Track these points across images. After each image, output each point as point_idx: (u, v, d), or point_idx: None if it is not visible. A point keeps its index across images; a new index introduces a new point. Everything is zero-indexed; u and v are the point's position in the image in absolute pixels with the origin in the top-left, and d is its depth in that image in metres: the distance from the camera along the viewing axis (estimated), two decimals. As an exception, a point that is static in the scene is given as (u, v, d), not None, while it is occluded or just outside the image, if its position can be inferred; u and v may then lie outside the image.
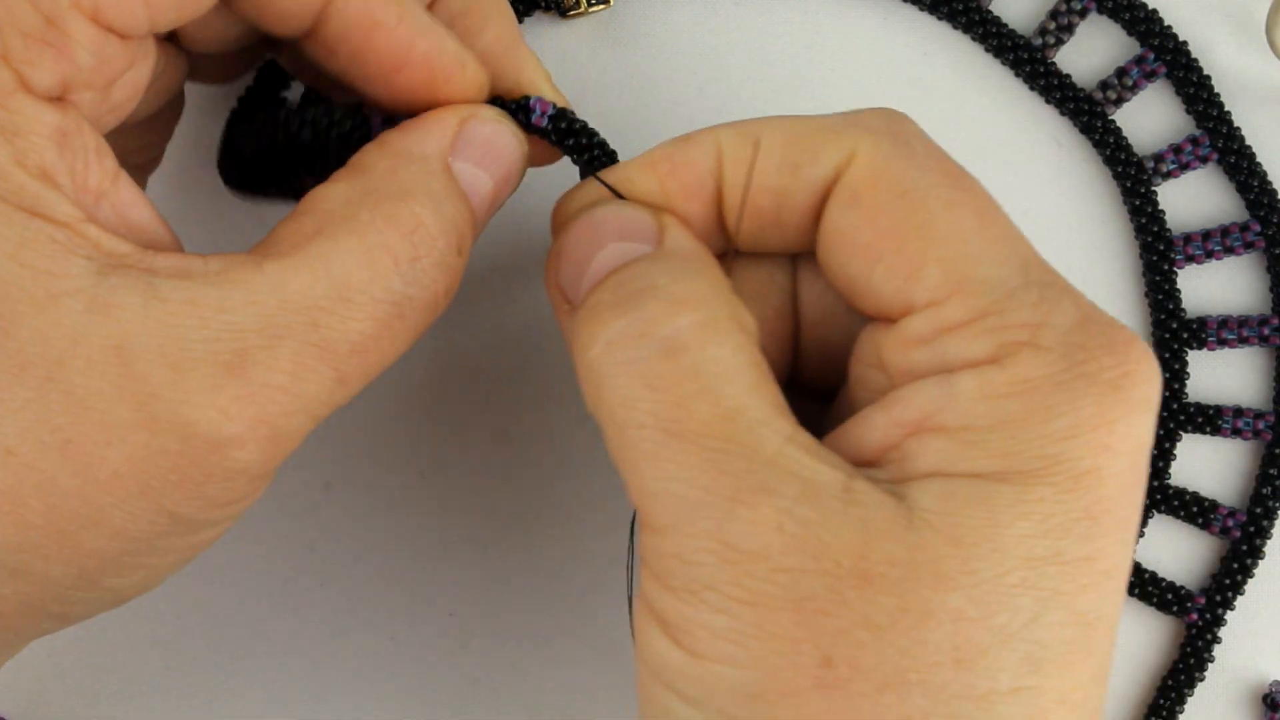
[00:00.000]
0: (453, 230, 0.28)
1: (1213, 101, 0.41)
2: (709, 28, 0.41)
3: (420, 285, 0.27)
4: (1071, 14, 0.41)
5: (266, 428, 0.26)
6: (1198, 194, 0.41)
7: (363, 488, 0.40)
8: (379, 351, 0.27)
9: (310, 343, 0.26)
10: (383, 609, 0.39)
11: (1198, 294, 0.41)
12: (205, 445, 0.25)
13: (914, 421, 0.26)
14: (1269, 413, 0.40)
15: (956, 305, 0.26)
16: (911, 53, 0.41)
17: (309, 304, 0.26)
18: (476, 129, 0.29)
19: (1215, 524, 0.40)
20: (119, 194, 0.27)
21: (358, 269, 0.26)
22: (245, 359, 0.25)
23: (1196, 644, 0.40)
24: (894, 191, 0.27)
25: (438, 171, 0.28)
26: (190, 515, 0.26)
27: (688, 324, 0.26)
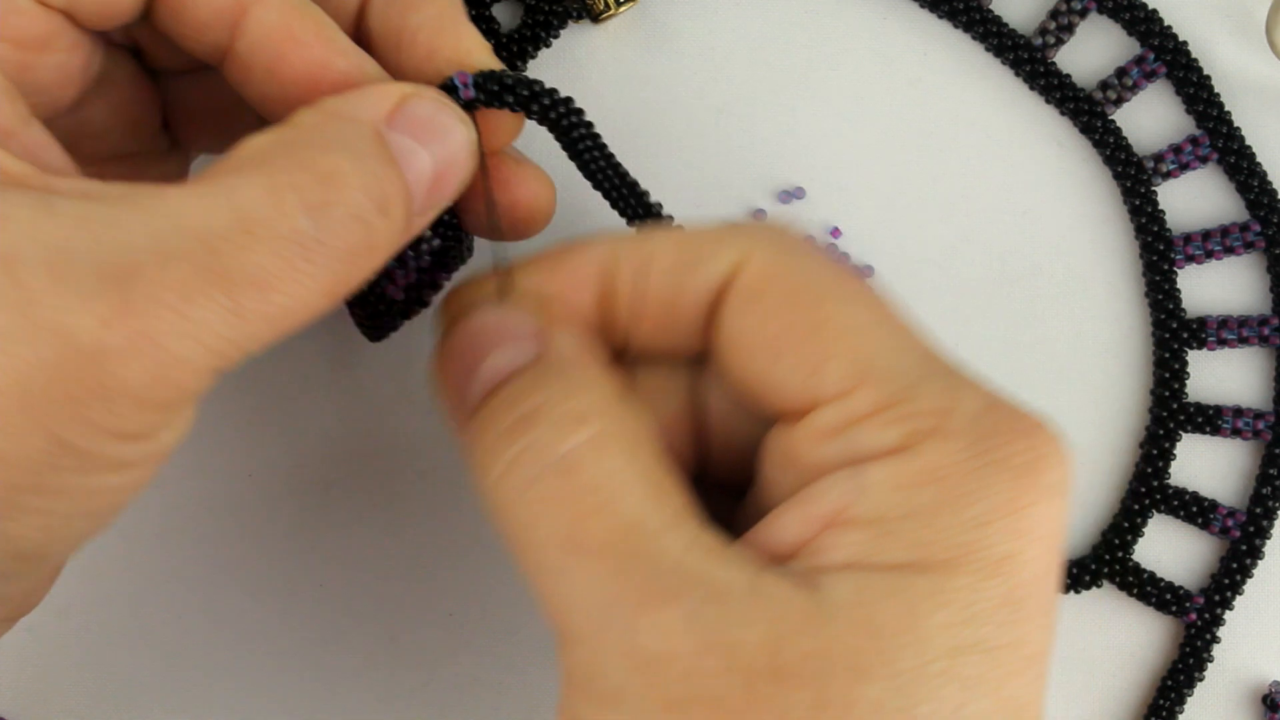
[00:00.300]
0: (375, 187, 0.27)
1: (1213, 101, 0.41)
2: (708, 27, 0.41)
3: (331, 233, 0.26)
4: (1072, 14, 0.41)
5: (149, 344, 0.24)
6: (1198, 194, 0.41)
7: (363, 488, 0.40)
8: (282, 292, 0.25)
9: (204, 266, 0.24)
10: (383, 609, 0.39)
11: (1198, 294, 0.41)
12: (83, 355, 0.24)
13: (826, 516, 0.26)
14: (1269, 413, 0.40)
15: (862, 396, 0.26)
16: (911, 52, 0.41)
17: (208, 231, 0.25)
18: (416, 105, 0.28)
19: (1215, 524, 0.40)
20: (29, 135, 0.26)
21: (262, 204, 0.25)
22: (132, 273, 0.24)
23: (1195, 644, 0.40)
24: (790, 290, 0.27)
25: (368, 135, 0.27)
26: (78, 443, 0.24)
27: (580, 442, 0.26)
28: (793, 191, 0.41)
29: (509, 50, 0.40)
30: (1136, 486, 0.40)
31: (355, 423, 0.40)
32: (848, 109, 0.41)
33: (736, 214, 0.40)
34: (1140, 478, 0.40)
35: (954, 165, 0.41)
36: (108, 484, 0.26)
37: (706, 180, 0.40)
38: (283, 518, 0.39)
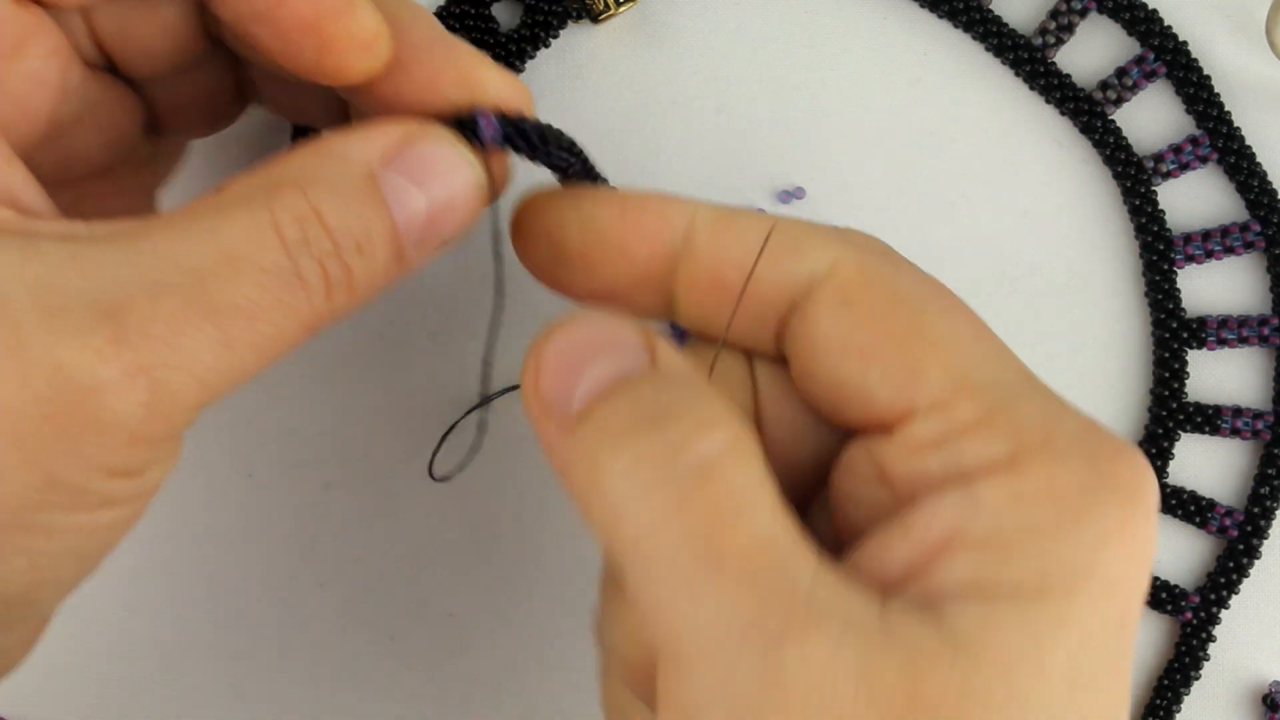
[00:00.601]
0: (355, 228, 0.27)
1: (1213, 101, 0.41)
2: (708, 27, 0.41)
3: (310, 271, 0.26)
4: (1072, 13, 0.41)
5: (144, 378, 0.24)
6: (1198, 194, 0.41)
7: (363, 488, 0.40)
8: (269, 321, 0.26)
9: (194, 299, 0.25)
10: (383, 609, 0.39)
11: (1198, 294, 0.41)
12: (78, 390, 0.24)
13: (939, 541, 0.25)
14: (1268, 412, 0.40)
15: (964, 406, 0.26)
16: (911, 52, 0.41)
17: (195, 266, 0.25)
18: (419, 145, 0.28)
19: (1213, 523, 0.40)
20: (10, 176, 0.26)
21: (244, 241, 0.25)
22: (124, 307, 0.24)
23: (1191, 643, 0.40)
24: (888, 296, 0.27)
25: (354, 174, 0.27)
26: (70, 479, 0.25)
27: (718, 445, 0.25)
28: (793, 191, 0.41)
29: (508, 50, 0.40)
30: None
31: (355, 423, 0.40)
32: (848, 109, 0.41)
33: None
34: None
35: (954, 165, 0.41)
36: (97, 522, 0.26)
37: (706, 180, 0.40)
38: (283, 518, 0.40)
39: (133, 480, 0.26)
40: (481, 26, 0.40)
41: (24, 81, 0.28)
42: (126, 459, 0.25)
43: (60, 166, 0.31)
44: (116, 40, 0.31)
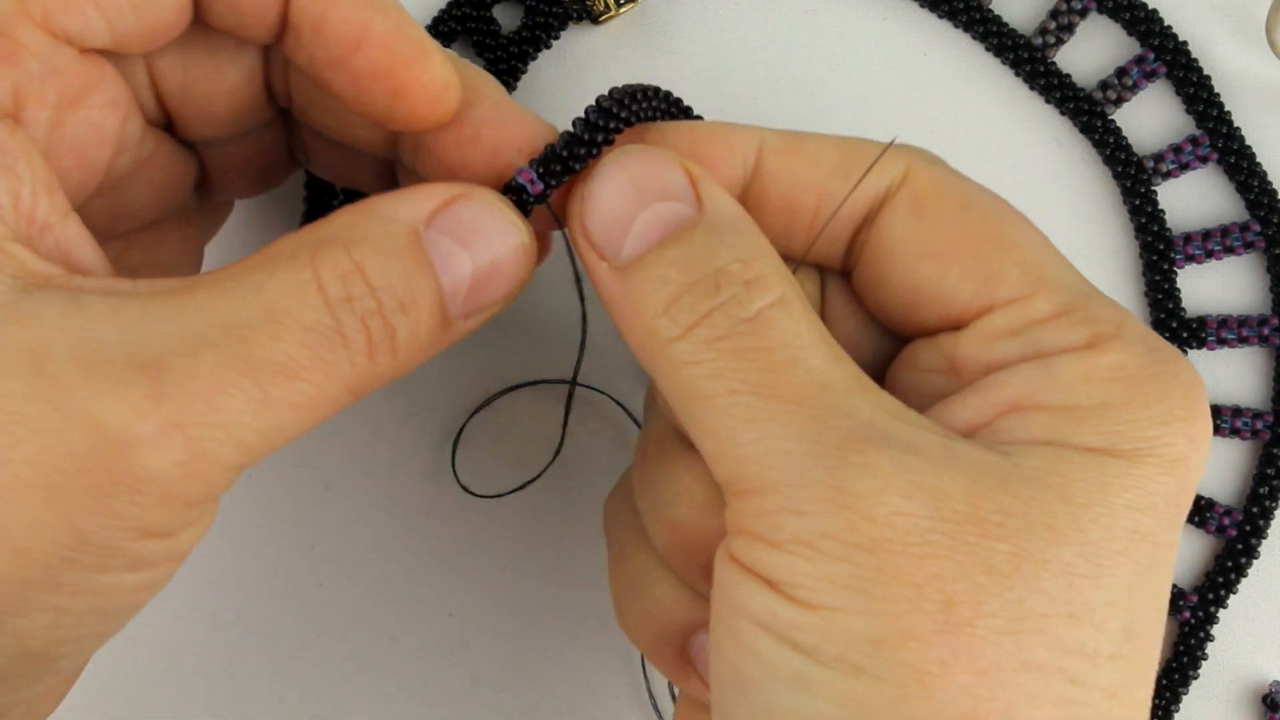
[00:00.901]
0: (399, 286, 0.27)
1: (1213, 101, 0.41)
2: (708, 27, 0.41)
3: (353, 328, 0.26)
4: (1072, 13, 0.41)
5: (180, 435, 0.24)
6: (1198, 194, 0.41)
7: (363, 488, 0.40)
8: (309, 381, 0.25)
9: (234, 356, 0.24)
10: (383, 609, 0.39)
11: (1198, 294, 0.41)
12: (114, 445, 0.24)
13: (1011, 401, 0.27)
14: (1268, 412, 0.40)
15: (1042, 300, 0.27)
16: (911, 52, 0.41)
17: (236, 323, 0.25)
18: (464, 206, 0.28)
19: (1211, 522, 0.40)
20: (65, 231, 0.26)
21: (287, 297, 0.25)
22: (163, 364, 0.24)
23: (1190, 642, 0.40)
24: (960, 203, 0.29)
25: (399, 233, 0.27)
26: (101, 538, 0.24)
27: (768, 303, 0.26)
28: (793, 191, 0.41)
29: (510, 52, 0.40)
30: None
31: (355, 423, 0.40)
32: (848, 109, 0.41)
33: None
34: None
35: (954, 165, 0.41)
36: (124, 583, 0.25)
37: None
38: (283, 518, 0.40)
39: (164, 542, 0.25)
40: (483, 29, 0.40)
41: (84, 130, 0.28)
42: (159, 520, 0.25)
43: (111, 218, 0.31)
44: (178, 99, 0.31)
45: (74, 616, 0.25)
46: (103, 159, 0.29)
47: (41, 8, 0.26)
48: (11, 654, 0.25)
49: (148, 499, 0.24)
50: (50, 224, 0.26)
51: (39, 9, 0.26)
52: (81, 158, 0.28)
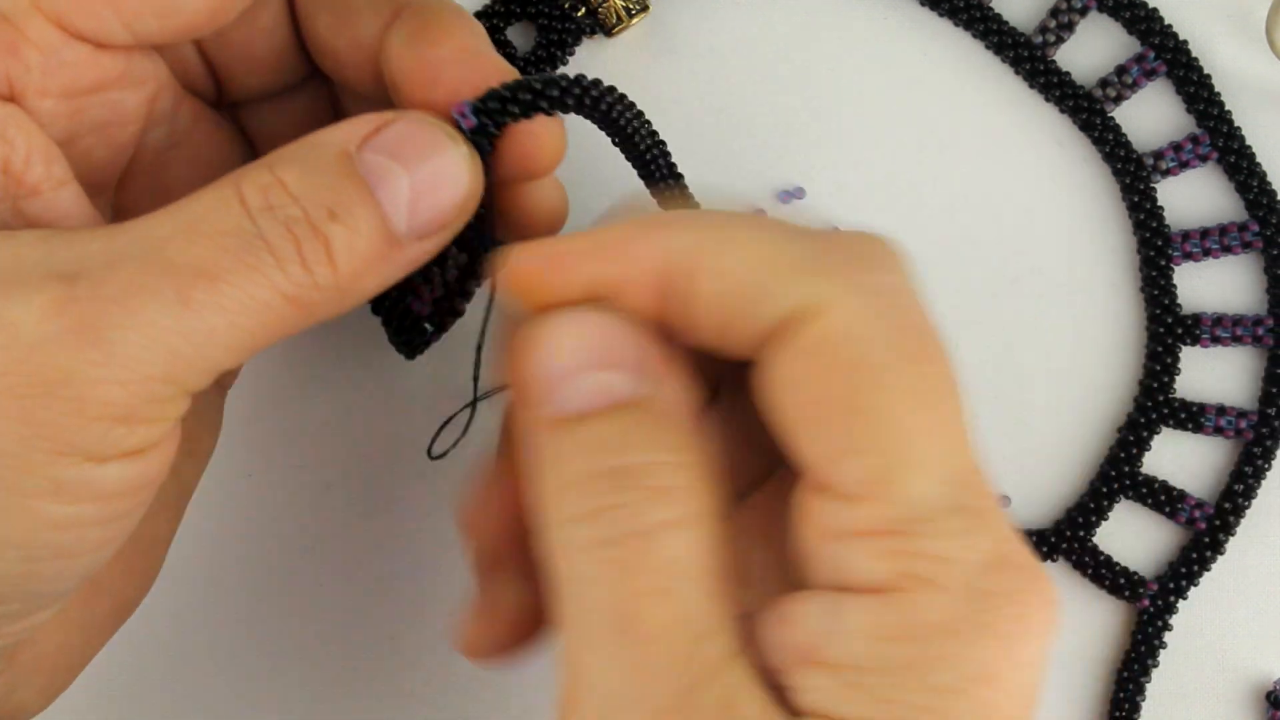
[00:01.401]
0: (326, 196, 0.26)
1: (1213, 100, 0.41)
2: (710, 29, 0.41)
3: (276, 234, 0.26)
4: (1072, 12, 0.41)
5: (91, 333, 0.24)
6: (1197, 192, 0.41)
7: (363, 488, 0.40)
8: (233, 284, 0.25)
9: (150, 263, 0.25)
10: (382, 609, 0.39)
11: (1194, 292, 0.41)
12: (25, 347, 0.24)
13: (804, 649, 0.24)
14: (1252, 412, 0.40)
15: (870, 510, 0.24)
16: (911, 52, 0.41)
17: (156, 235, 0.25)
18: (395, 126, 0.28)
19: (1182, 514, 0.40)
20: (57, 199, 0.27)
21: (206, 210, 0.26)
22: (80, 274, 0.24)
23: (1148, 630, 0.40)
24: (849, 359, 0.24)
25: (325, 154, 0.27)
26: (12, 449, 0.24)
27: (665, 519, 0.24)
28: (793, 191, 0.40)
29: (526, 73, 0.40)
30: (1107, 469, 0.40)
31: (355, 423, 0.40)
32: (848, 109, 0.41)
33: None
34: (1112, 461, 0.40)
35: (954, 164, 0.41)
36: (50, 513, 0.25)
37: (707, 180, 0.40)
38: (283, 518, 0.39)
39: (91, 468, 0.25)
40: (499, 52, 0.40)
41: (104, 111, 0.28)
42: (79, 432, 0.24)
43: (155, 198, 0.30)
44: (215, 47, 0.31)
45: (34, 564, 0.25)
46: (129, 135, 0.29)
47: (56, 6, 0.26)
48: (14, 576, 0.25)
49: (61, 404, 0.24)
50: (41, 190, 0.26)
51: (52, 6, 0.26)
52: (104, 136, 0.29)
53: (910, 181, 0.41)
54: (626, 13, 0.40)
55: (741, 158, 0.40)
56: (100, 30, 0.27)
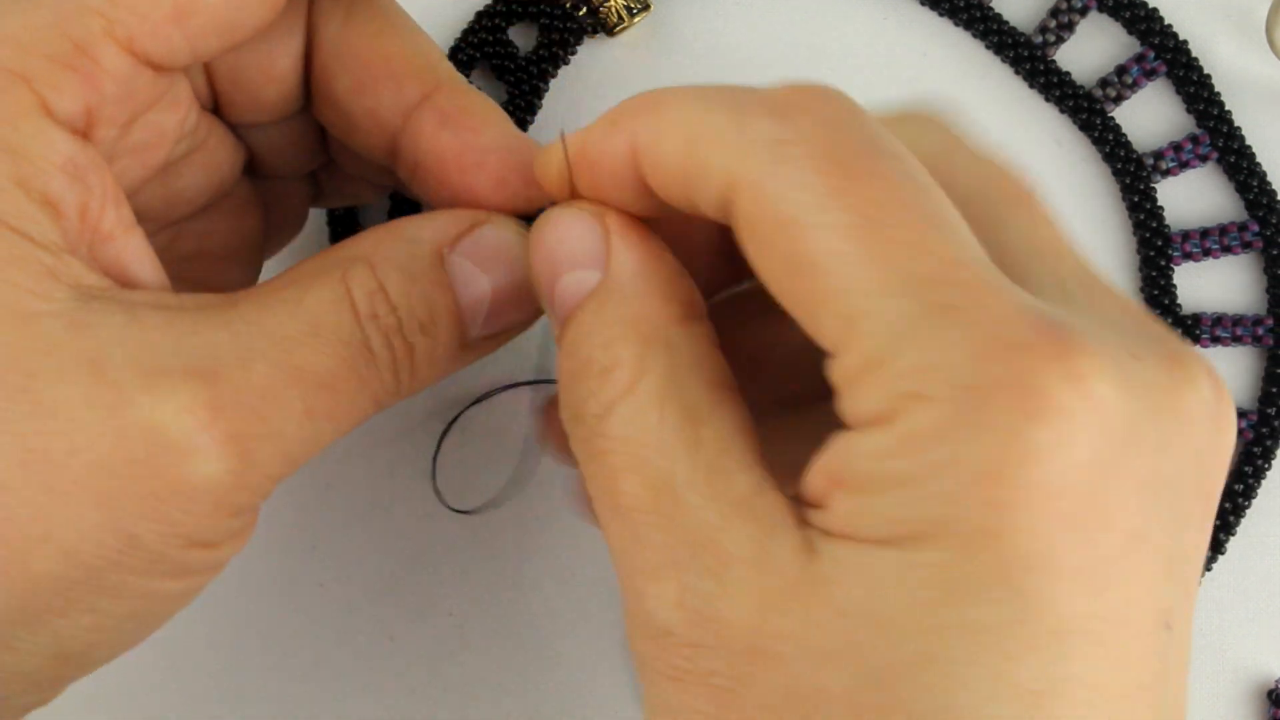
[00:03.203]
0: (418, 306, 0.27)
1: (1213, 100, 0.41)
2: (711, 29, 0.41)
3: (379, 344, 0.27)
4: (1072, 12, 0.41)
5: (235, 445, 0.25)
6: (1197, 192, 0.41)
7: (363, 488, 0.40)
8: (345, 394, 0.26)
9: (282, 366, 0.25)
10: (382, 609, 0.39)
11: (1194, 292, 0.41)
12: (171, 452, 0.24)
13: (834, 474, 0.23)
14: (1252, 411, 0.40)
15: (851, 354, 0.23)
16: (911, 52, 0.41)
17: (282, 334, 0.26)
18: (488, 231, 0.29)
19: None
20: (128, 244, 0.27)
21: (327, 310, 0.26)
22: (219, 374, 0.25)
23: None
24: (776, 224, 0.24)
25: (421, 254, 0.28)
26: (148, 542, 0.25)
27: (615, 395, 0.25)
28: (793, 191, 0.40)
29: (529, 73, 0.40)
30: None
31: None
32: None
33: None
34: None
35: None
36: (166, 590, 0.26)
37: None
38: (283, 518, 0.39)
39: (207, 553, 0.26)
40: (501, 52, 0.40)
41: (147, 133, 0.29)
42: (206, 529, 0.25)
43: (166, 203, 0.31)
44: (229, 84, 0.31)
45: (114, 620, 0.26)
46: (162, 156, 0.30)
47: (128, 31, 0.26)
48: (48, 654, 0.26)
49: (199, 507, 0.25)
50: (115, 236, 0.27)
51: (125, 32, 0.26)
52: (140, 158, 0.29)
53: (910, 181, 0.41)
54: (628, 12, 0.40)
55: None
56: (167, 53, 0.27)
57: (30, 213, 0.25)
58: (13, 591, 0.24)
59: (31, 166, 0.25)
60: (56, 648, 0.26)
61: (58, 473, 0.24)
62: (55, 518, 0.24)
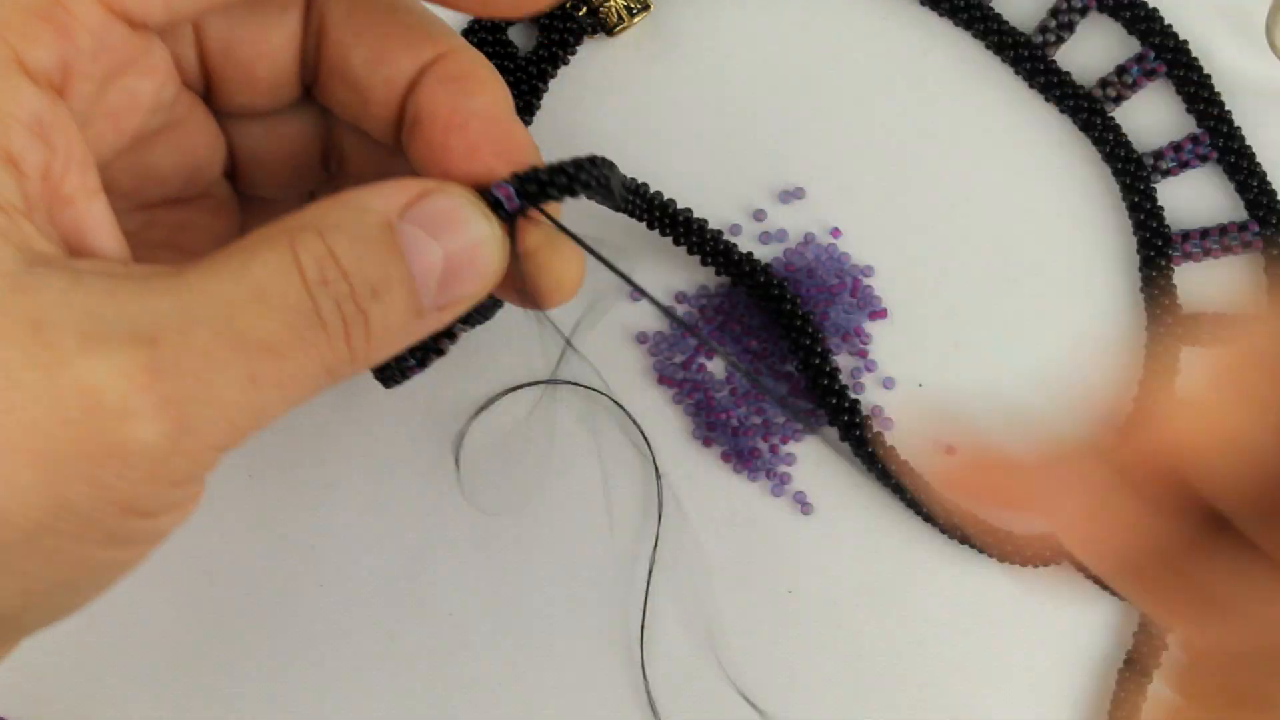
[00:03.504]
0: (370, 272, 0.27)
1: (1213, 100, 0.41)
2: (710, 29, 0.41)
3: (329, 311, 0.27)
4: (1072, 12, 0.41)
5: (174, 409, 0.25)
6: (1197, 192, 0.41)
7: (363, 488, 0.40)
8: (293, 360, 0.26)
9: (224, 333, 0.25)
10: (382, 609, 0.39)
11: (1195, 292, 0.41)
12: (107, 414, 0.24)
13: None
14: (1253, 410, 0.40)
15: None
16: (912, 52, 0.41)
17: (225, 300, 0.26)
18: (435, 199, 0.29)
19: None
20: (89, 210, 0.27)
21: (272, 275, 0.26)
22: (158, 338, 0.25)
23: (1149, 630, 0.40)
24: None
25: (371, 222, 0.28)
26: (82, 507, 0.25)
27: None
28: (793, 191, 0.41)
29: (529, 73, 0.40)
30: (1106, 469, 0.40)
31: (355, 422, 0.40)
32: (848, 109, 0.41)
33: (737, 214, 0.40)
34: (1110, 461, 0.40)
35: (954, 164, 0.41)
36: (100, 558, 0.26)
37: (707, 180, 0.40)
38: (283, 518, 0.39)
39: (144, 521, 0.26)
40: (501, 52, 0.40)
41: (121, 97, 0.29)
42: (143, 496, 0.25)
43: (137, 179, 0.31)
44: (220, 58, 0.31)
45: (44, 585, 0.26)
46: (135, 123, 0.30)
47: None
48: None
49: (135, 473, 0.25)
50: (75, 200, 0.27)
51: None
52: (115, 123, 0.29)
53: (910, 181, 0.41)
54: (628, 12, 0.40)
55: (741, 158, 0.41)
56: (142, 8, 0.27)
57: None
58: None
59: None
60: None
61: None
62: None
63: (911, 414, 0.40)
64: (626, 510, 0.40)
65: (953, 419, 0.30)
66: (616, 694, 0.40)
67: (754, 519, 0.40)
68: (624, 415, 0.40)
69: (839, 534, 0.40)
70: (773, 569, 0.40)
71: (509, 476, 0.40)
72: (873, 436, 0.40)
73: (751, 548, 0.40)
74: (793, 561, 0.40)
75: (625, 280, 0.31)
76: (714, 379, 0.40)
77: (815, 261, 0.40)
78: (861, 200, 0.41)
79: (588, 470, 0.40)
